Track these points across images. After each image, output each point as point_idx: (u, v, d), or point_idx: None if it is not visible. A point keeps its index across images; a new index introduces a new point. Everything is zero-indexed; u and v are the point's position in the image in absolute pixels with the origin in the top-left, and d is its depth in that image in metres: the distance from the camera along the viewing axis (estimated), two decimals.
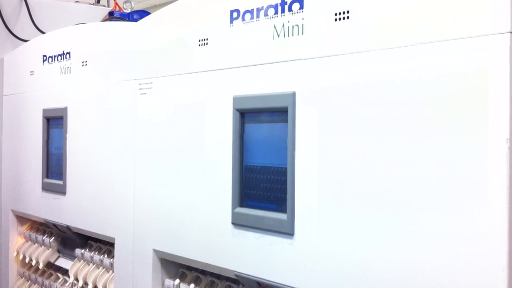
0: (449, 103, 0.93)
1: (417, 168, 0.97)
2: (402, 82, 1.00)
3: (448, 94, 0.93)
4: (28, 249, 2.24)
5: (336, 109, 1.10)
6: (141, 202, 1.61)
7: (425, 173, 0.96)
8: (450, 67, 0.94)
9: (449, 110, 0.93)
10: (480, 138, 0.90)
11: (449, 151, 0.93)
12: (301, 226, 1.16)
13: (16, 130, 2.31)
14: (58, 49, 2.01)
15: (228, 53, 1.34)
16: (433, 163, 0.95)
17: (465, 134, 0.91)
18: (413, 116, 0.98)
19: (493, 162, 0.88)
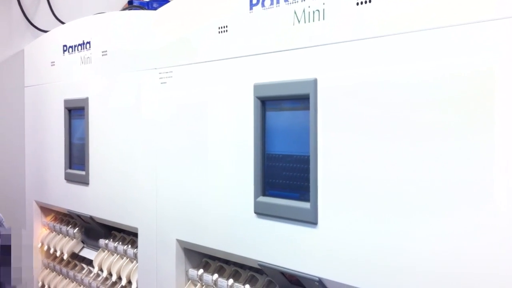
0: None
1: (436, 162, 0.94)
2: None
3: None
4: (52, 240, 2.26)
5: (358, 95, 1.07)
6: (163, 192, 1.60)
7: (443, 165, 0.93)
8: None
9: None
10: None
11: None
12: (325, 215, 1.14)
13: (38, 121, 2.32)
14: (78, 39, 2.01)
15: (248, 40, 1.31)
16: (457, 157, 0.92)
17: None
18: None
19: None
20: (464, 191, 0.92)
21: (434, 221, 0.96)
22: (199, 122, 1.46)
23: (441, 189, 0.95)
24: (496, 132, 0.87)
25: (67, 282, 2.19)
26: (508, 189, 0.86)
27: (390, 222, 1.02)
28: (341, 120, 1.11)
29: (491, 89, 0.87)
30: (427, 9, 0.96)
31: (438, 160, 0.95)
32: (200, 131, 1.46)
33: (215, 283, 1.47)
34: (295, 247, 1.20)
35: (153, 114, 1.63)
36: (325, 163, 1.14)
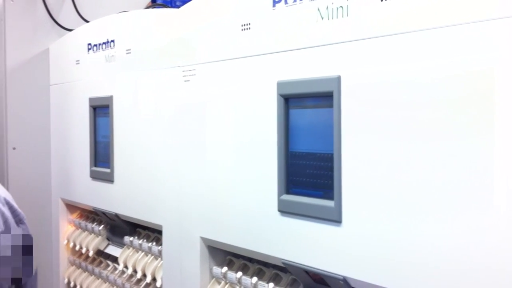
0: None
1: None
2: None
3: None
4: (78, 237, 2.29)
5: (382, 93, 1.06)
6: (187, 190, 1.61)
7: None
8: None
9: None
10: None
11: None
12: (349, 213, 1.13)
13: (63, 119, 2.35)
14: (102, 37, 2.03)
15: (271, 37, 1.31)
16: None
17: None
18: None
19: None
20: (492, 189, 0.90)
21: (463, 220, 0.94)
22: (222, 120, 1.46)
23: (469, 187, 0.93)
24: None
25: (93, 279, 2.21)
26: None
27: (415, 220, 1.01)
28: (365, 117, 1.09)
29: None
30: (454, 3, 0.95)
31: (464, 159, 0.93)
32: (223, 129, 1.46)
33: (239, 281, 1.47)
34: (319, 246, 1.20)
35: (176, 112, 1.64)
36: (349, 161, 1.13)
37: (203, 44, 1.53)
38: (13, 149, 2.40)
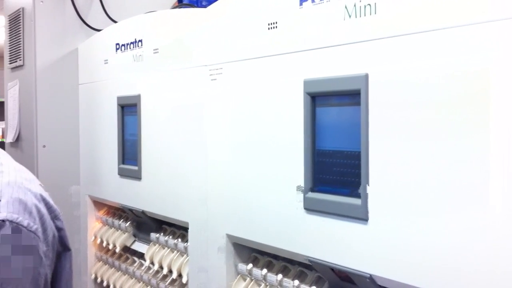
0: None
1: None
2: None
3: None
4: (105, 233, 2.32)
5: (410, 90, 1.06)
6: (213, 187, 1.62)
7: None
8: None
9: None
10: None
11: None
12: (376, 211, 1.13)
13: (92, 117, 2.39)
14: (130, 37, 2.05)
15: (298, 36, 1.31)
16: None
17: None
18: None
19: None
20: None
21: (492, 219, 0.94)
22: (249, 118, 1.48)
23: (498, 186, 0.93)
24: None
25: (119, 274, 2.25)
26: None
27: (442, 218, 1.01)
28: (393, 115, 1.10)
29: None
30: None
31: (493, 158, 0.93)
32: (249, 127, 1.47)
33: (264, 278, 1.48)
34: (346, 243, 1.20)
35: (203, 111, 1.66)
36: (376, 159, 1.13)
37: (230, 43, 1.54)
38: (43, 147, 2.45)
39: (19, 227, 0.85)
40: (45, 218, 0.91)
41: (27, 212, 0.88)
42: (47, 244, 0.91)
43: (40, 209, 0.91)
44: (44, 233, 0.90)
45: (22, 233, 0.85)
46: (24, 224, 0.86)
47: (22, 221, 0.86)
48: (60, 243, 0.98)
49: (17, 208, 0.87)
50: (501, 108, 0.92)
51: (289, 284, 1.41)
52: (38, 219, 0.89)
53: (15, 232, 0.84)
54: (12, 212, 0.85)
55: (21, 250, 0.85)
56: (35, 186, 0.95)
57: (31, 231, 0.87)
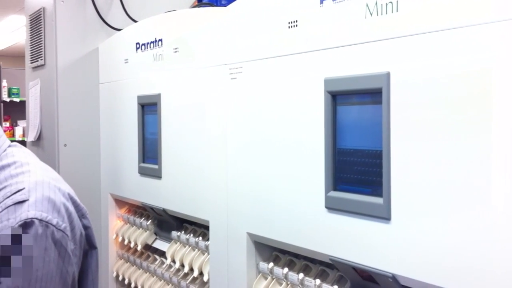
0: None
1: None
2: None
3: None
4: (126, 231, 2.34)
5: (432, 89, 1.05)
6: (234, 186, 1.63)
7: None
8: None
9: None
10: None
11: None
12: (398, 210, 1.13)
13: (112, 116, 2.40)
14: (150, 36, 2.06)
15: (319, 34, 1.31)
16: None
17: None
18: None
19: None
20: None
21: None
22: (269, 117, 1.47)
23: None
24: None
25: (141, 272, 2.26)
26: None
27: (465, 218, 1.00)
28: (415, 114, 1.09)
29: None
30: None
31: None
32: (270, 126, 1.47)
33: (285, 276, 1.48)
34: (368, 243, 1.19)
35: (223, 109, 1.66)
36: (398, 157, 1.12)
37: (250, 41, 1.54)
38: (64, 146, 2.47)
39: (48, 226, 0.86)
40: (73, 216, 0.92)
41: (56, 211, 0.89)
42: (74, 242, 0.92)
43: (68, 208, 0.92)
44: (72, 232, 0.91)
45: (51, 231, 0.86)
46: (53, 222, 0.87)
47: (51, 220, 0.87)
48: (87, 241, 0.99)
49: (46, 206, 0.88)
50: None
51: (310, 283, 1.40)
52: (66, 218, 0.90)
53: (44, 230, 0.85)
54: (41, 211, 0.87)
55: (50, 248, 0.86)
56: (63, 184, 0.97)
57: (60, 230, 0.88)
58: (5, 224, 0.84)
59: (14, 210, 0.86)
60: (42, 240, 0.85)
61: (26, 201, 0.87)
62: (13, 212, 0.85)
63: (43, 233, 0.85)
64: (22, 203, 0.87)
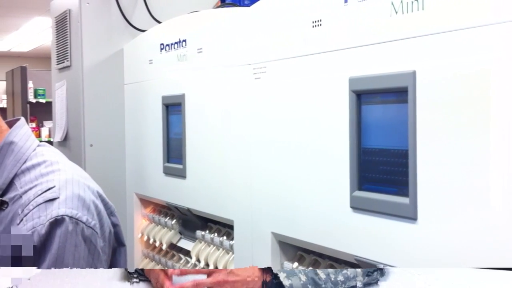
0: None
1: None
2: None
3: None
4: (151, 230, 2.36)
5: (459, 88, 1.04)
6: (258, 185, 1.63)
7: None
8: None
9: None
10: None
11: None
12: (424, 210, 1.12)
13: (137, 117, 2.43)
14: (174, 37, 2.08)
15: (343, 33, 1.31)
16: None
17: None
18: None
19: None
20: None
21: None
22: (293, 117, 1.47)
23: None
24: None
25: None
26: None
27: (493, 218, 0.99)
28: (441, 112, 1.08)
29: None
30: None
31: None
32: (294, 126, 1.47)
33: None
34: (393, 243, 1.19)
35: (247, 109, 1.66)
36: (424, 157, 1.11)
37: (274, 41, 1.54)
38: (90, 146, 2.51)
39: (78, 223, 0.88)
40: (102, 214, 0.94)
41: (85, 208, 0.91)
42: (104, 239, 0.93)
43: (98, 205, 0.94)
44: (101, 229, 0.93)
45: (81, 228, 0.88)
46: (83, 219, 0.89)
47: (81, 217, 0.89)
48: (115, 238, 1.00)
49: (76, 204, 0.90)
50: None
51: None
52: (95, 215, 0.92)
53: (74, 227, 0.87)
54: (71, 208, 0.88)
55: (80, 245, 0.87)
56: (92, 183, 0.98)
57: (90, 227, 0.89)
58: (36, 221, 0.86)
59: (44, 208, 0.88)
60: (72, 237, 0.86)
61: (56, 199, 0.89)
62: (44, 209, 0.87)
63: (73, 230, 0.87)
64: (52, 200, 0.89)
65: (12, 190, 0.93)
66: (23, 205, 0.90)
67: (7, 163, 0.94)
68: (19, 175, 0.94)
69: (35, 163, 0.96)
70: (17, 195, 0.92)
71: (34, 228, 0.86)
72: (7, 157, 0.95)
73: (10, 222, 0.90)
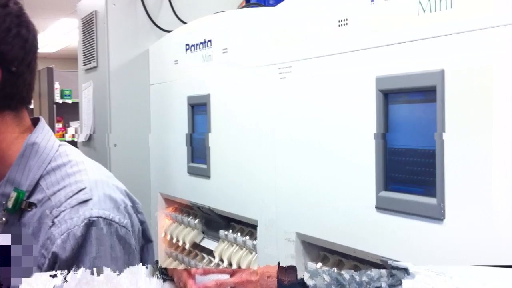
0: None
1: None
2: None
3: None
4: (175, 230, 2.37)
5: (488, 87, 1.03)
6: (282, 185, 1.63)
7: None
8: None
9: None
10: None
11: None
12: (452, 210, 1.10)
13: (162, 117, 2.44)
14: (199, 37, 2.09)
15: (370, 32, 1.30)
16: None
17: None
18: None
19: None
20: None
21: None
22: (319, 116, 1.47)
23: None
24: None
25: None
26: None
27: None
28: (470, 112, 1.06)
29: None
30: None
31: None
32: (319, 125, 1.47)
33: None
34: (420, 243, 1.18)
35: (272, 109, 1.66)
36: (452, 157, 1.10)
37: (299, 41, 1.54)
38: (115, 146, 2.53)
39: (112, 223, 0.88)
40: (131, 212, 0.94)
41: (116, 208, 0.91)
42: (134, 237, 0.94)
43: (127, 204, 0.94)
44: (132, 227, 0.93)
45: (115, 229, 0.88)
46: (115, 220, 0.89)
47: (114, 218, 0.89)
48: (143, 235, 1.01)
49: (108, 205, 0.90)
50: None
51: None
52: (127, 214, 0.92)
53: (108, 228, 0.87)
54: (104, 209, 0.89)
55: (116, 246, 0.88)
56: (117, 182, 0.99)
57: (123, 226, 0.90)
58: (70, 223, 0.86)
59: (77, 210, 0.88)
60: (107, 238, 0.87)
61: (90, 200, 0.89)
62: (76, 211, 0.88)
63: (107, 231, 0.87)
64: (86, 202, 0.89)
65: (39, 192, 0.93)
66: (53, 207, 0.90)
67: (32, 164, 0.94)
68: (44, 176, 0.94)
69: (60, 163, 0.96)
70: (45, 197, 0.92)
71: (69, 230, 0.86)
72: (31, 159, 0.94)
73: (38, 224, 0.90)
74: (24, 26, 0.95)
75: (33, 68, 0.98)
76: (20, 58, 0.94)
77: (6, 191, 0.93)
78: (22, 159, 0.94)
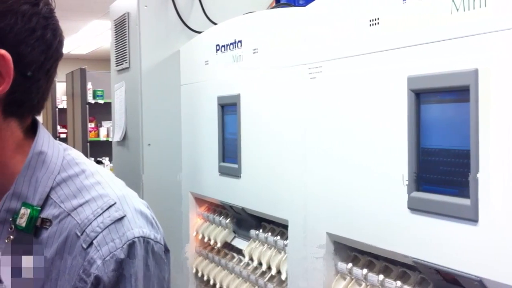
0: None
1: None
2: None
3: None
4: (206, 229, 2.39)
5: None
6: (313, 185, 1.62)
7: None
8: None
9: None
10: None
11: None
12: (486, 212, 1.09)
13: (193, 117, 2.46)
14: (230, 38, 2.10)
15: (401, 31, 1.29)
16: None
17: None
18: None
19: None
20: None
21: None
22: (349, 116, 1.46)
23: None
24: None
25: (219, 270, 2.30)
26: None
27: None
28: (504, 112, 1.05)
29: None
30: None
31: None
32: (350, 125, 1.46)
33: (365, 277, 1.46)
34: (453, 245, 1.16)
35: (302, 109, 1.66)
36: (486, 157, 1.08)
37: (330, 41, 1.54)
38: (148, 146, 2.56)
39: (149, 241, 0.85)
40: (159, 225, 0.91)
41: (149, 223, 0.87)
42: None
43: (154, 217, 0.90)
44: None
45: (151, 246, 0.85)
46: (152, 237, 0.85)
47: (150, 235, 0.85)
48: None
49: (142, 221, 0.86)
50: None
51: (391, 285, 1.38)
52: (158, 229, 0.89)
53: (145, 247, 0.84)
54: (141, 227, 0.85)
55: (151, 263, 0.85)
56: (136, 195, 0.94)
57: (158, 242, 0.86)
58: (111, 245, 0.81)
59: (115, 229, 0.83)
60: (145, 257, 0.84)
61: (124, 217, 0.84)
62: (115, 231, 0.83)
63: (146, 250, 0.84)
64: (121, 220, 0.84)
65: (51, 206, 0.85)
66: (81, 226, 0.83)
67: (39, 176, 0.86)
68: (54, 188, 0.86)
69: (72, 173, 0.88)
70: (62, 212, 0.84)
71: (111, 253, 0.81)
72: (37, 169, 0.86)
73: (63, 244, 0.83)
74: (50, 30, 0.85)
75: (51, 76, 0.88)
76: (39, 63, 0.84)
77: (12, 206, 0.84)
78: (28, 170, 0.85)
